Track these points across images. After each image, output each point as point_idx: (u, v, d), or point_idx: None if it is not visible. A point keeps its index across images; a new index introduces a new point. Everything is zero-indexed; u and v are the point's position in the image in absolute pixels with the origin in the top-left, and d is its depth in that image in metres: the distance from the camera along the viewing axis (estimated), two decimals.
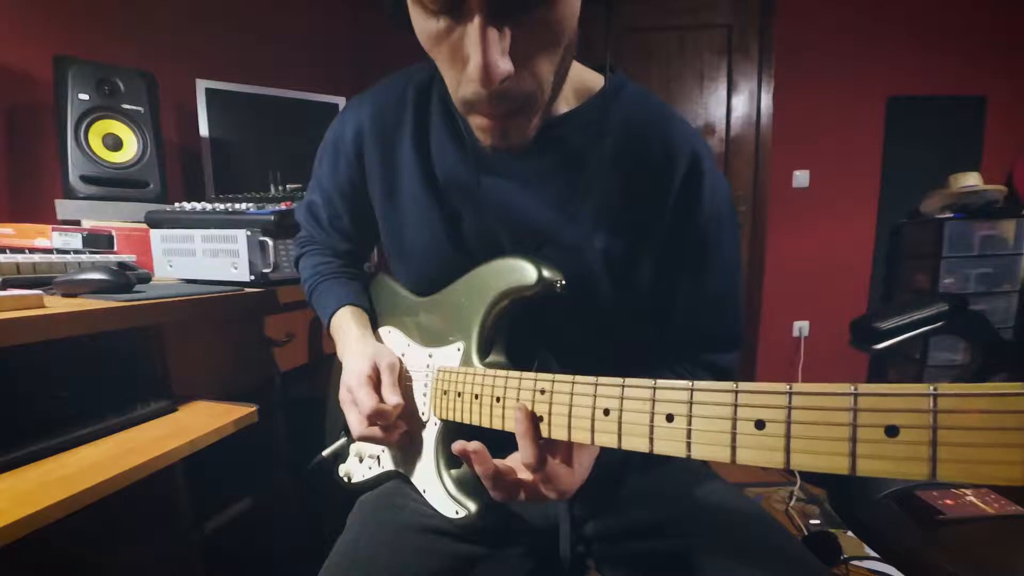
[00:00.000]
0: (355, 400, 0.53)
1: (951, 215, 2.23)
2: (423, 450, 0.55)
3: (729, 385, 0.31)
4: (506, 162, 0.54)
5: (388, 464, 0.61)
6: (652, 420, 0.34)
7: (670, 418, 0.33)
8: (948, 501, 1.02)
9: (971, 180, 2.23)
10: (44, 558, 0.71)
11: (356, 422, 0.53)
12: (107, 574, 0.78)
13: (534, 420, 0.41)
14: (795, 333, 2.70)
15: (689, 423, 0.32)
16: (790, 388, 0.28)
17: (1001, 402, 0.22)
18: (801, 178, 2.59)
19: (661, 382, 0.34)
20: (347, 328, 0.62)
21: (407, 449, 0.58)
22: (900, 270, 2.53)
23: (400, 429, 0.55)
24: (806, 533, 1.48)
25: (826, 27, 2.47)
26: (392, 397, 0.53)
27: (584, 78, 0.55)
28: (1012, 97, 2.44)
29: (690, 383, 0.33)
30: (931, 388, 0.24)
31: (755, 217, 2.63)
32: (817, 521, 1.57)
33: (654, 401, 0.34)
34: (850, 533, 1.37)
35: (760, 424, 0.29)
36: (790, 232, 2.62)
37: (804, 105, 2.52)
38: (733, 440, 0.30)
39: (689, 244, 0.54)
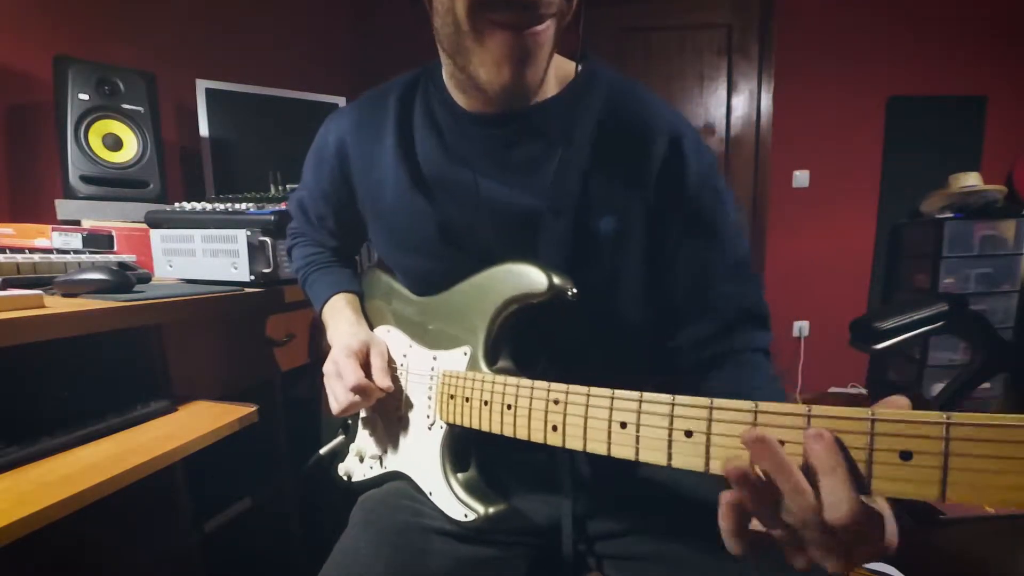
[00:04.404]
0: (339, 372, 0.55)
1: (951, 215, 2.24)
2: (429, 453, 0.55)
3: (749, 405, 0.31)
4: (491, 155, 0.55)
5: (391, 465, 0.60)
6: (671, 436, 0.34)
7: (689, 434, 0.34)
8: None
9: (971, 180, 2.23)
10: (44, 558, 0.71)
11: (340, 391, 0.55)
12: (107, 574, 0.78)
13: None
14: (795, 333, 2.70)
15: (708, 440, 0.33)
16: (809, 411, 0.29)
17: (1010, 432, 0.24)
18: (801, 178, 2.59)
19: (680, 398, 0.34)
20: (341, 314, 0.65)
21: (411, 451, 0.58)
22: (900, 270, 2.53)
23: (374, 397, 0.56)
24: None
25: (826, 27, 2.47)
26: (383, 380, 0.55)
27: (564, 67, 0.56)
28: (1012, 97, 2.44)
29: (709, 400, 0.33)
30: (945, 417, 0.25)
31: (755, 217, 2.62)
32: None
33: (672, 417, 0.34)
34: None
35: (780, 444, 0.30)
36: (790, 232, 2.62)
37: (804, 105, 2.52)
38: None
39: (689, 219, 0.53)
